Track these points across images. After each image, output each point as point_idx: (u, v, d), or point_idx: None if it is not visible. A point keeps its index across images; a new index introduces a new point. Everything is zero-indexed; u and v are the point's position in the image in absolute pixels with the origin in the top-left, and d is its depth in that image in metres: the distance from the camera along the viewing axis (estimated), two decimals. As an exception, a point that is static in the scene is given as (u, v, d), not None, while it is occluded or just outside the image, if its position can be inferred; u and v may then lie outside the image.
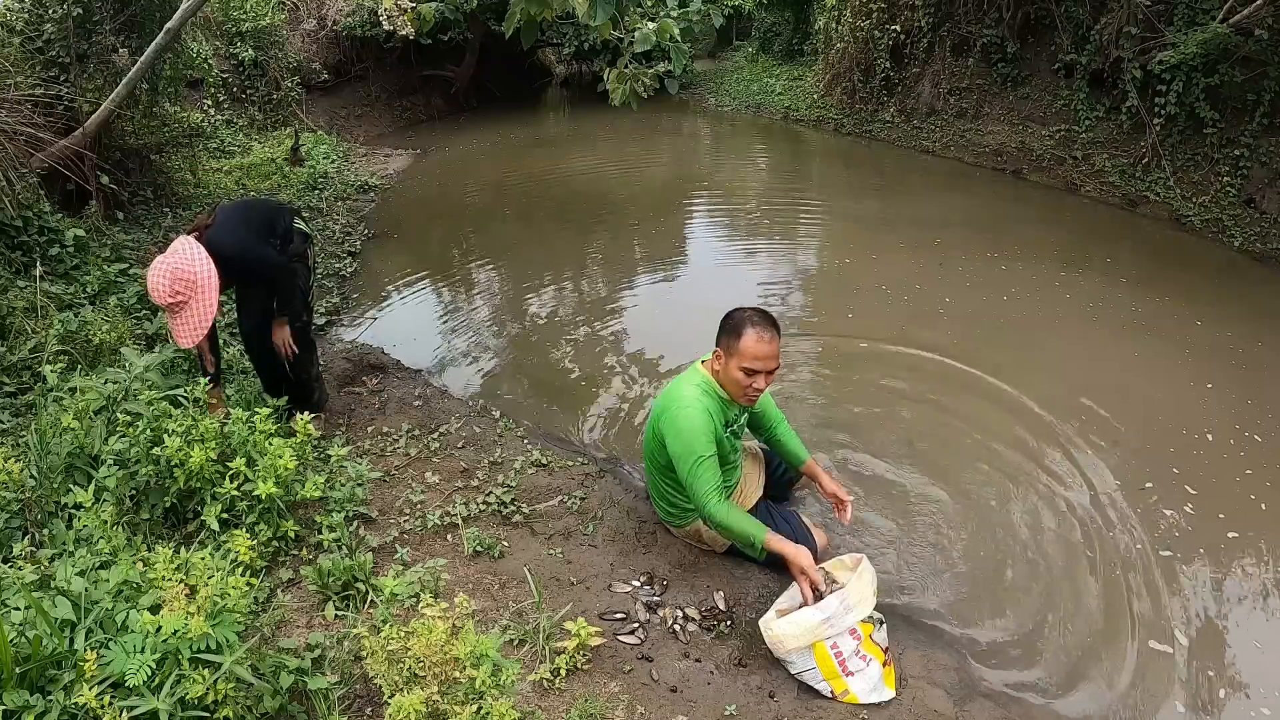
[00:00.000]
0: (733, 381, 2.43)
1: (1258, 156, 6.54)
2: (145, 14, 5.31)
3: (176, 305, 2.76)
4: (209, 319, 2.80)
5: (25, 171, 4.23)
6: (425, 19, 3.77)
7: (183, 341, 2.83)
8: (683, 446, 2.42)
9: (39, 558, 2.13)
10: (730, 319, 2.47)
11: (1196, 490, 3.29)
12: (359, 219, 6.84)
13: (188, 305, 2.77)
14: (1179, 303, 5.08)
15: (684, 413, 2.43)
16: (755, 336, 2.37)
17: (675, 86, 4.05)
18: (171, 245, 2.84)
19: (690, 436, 2.40)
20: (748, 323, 2.39)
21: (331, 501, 2.67)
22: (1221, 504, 3.22)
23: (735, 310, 2.50)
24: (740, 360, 2.38)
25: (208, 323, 2.80)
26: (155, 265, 2.77)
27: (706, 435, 2.41)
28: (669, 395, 2.54)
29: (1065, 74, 8.09)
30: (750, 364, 2.38)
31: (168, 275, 2.73)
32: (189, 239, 2.84)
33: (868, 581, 2.30)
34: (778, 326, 2.46)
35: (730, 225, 6.96)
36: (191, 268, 2.76)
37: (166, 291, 2.73)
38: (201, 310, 2.78)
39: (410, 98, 11.64)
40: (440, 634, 1.65)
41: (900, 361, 4.28)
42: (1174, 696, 2.42)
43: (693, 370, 2.57)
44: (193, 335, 2.80)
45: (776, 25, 13.55)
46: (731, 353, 2.41)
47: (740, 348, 2.38)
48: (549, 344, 4.60)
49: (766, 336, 2.38)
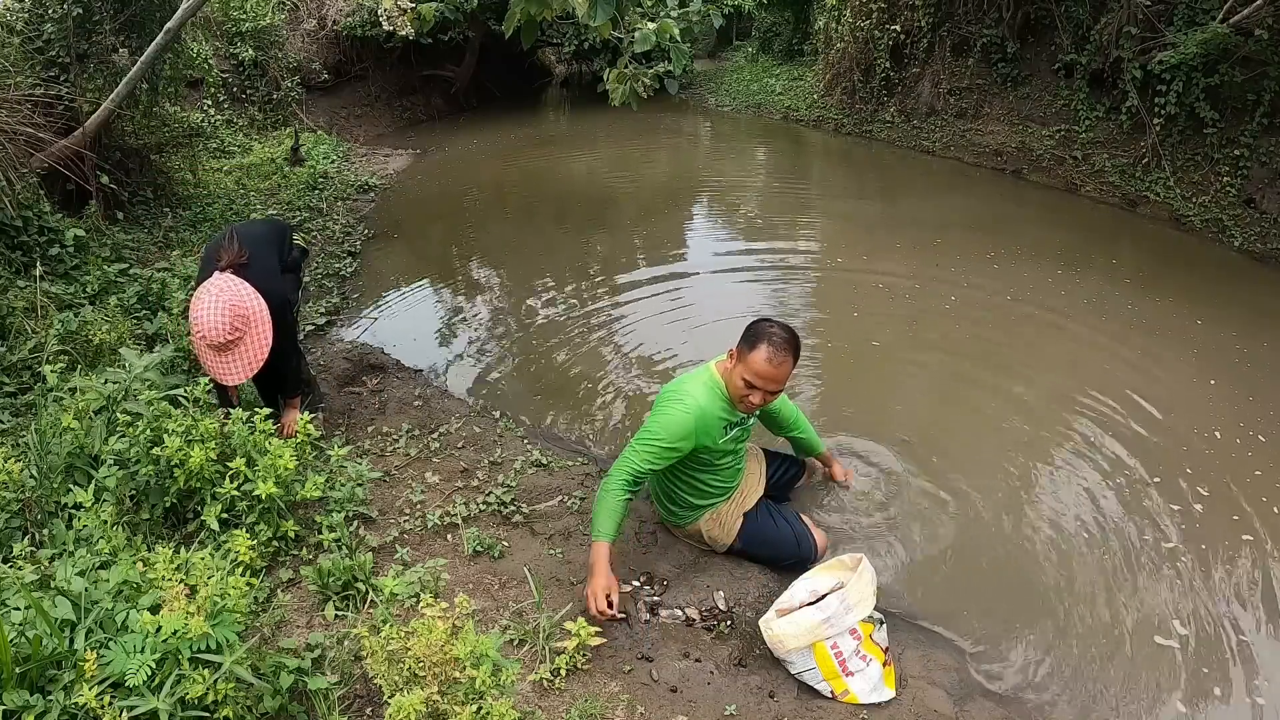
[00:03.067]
0: (733, 385, 2.43)
1: (1258, 156, 6.54)
2: (145, 14, 5.31)
3: (234, 341, 2.66)
4: (264, 355, 2.71)
5: (25, 171, 4.22)
6: (425, 19, 3.77)
7: (232, 379, 2.72)
8: (653, 427, 2.41)
9: (39, 558, 2.13)
10: (755, 328, 2.43)
11: (1209, 491, 3.27)
12: (359, 219, 6.83)
13: (240, 342, 2.68)
14: (1179, 302, 5.08)
15: (675, 407, 2.42)
16: (767, 356, 2.34)
17: (675, 86, 4.05)
18: (212, 282, 2.70)
19: (664, 427, 2.39)
20: (767, 340, 2.36)
21: (331, 501, 2.67)
22: (1235, 505, 3.20)
23: (764, 321, 2.46)
24: (745, 370, 2.38)
25: (262, 358, 2.71)
26: (205, 305, 2.63)
27: (677, 435, 2.40)
28: (673, 387, 2.54)
29: (1065, 74, 8.09)
30: (752, 379, 2.37)
31: (227, 312, 2.61)
32: (232, 275, 2.73)
33: (867, 581, 2.30)
34: (797, 352, 2.42)
35: (730, 225, 6.96)
36: (246, 304, 2.67)
37: (226, 329, 2.61)
38: (257, 345, 2.70)
39: (410, 98, 11.62)
40: (440, 634, 1.65)
41: (903, 361, 4.28)
42: (1176, 696, 2.42)
43: (705, 369, 2.55)
44: (246, 370, 2.71)
45: (776, 25, 13.55)
46: (742, 359, 2.40)
47: (750, 359, 2.36)
48: (549, 344, 4.60)
49: (778, 360, 2.35)
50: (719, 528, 2.73)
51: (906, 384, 4.05)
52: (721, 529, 2.73)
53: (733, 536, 2.72)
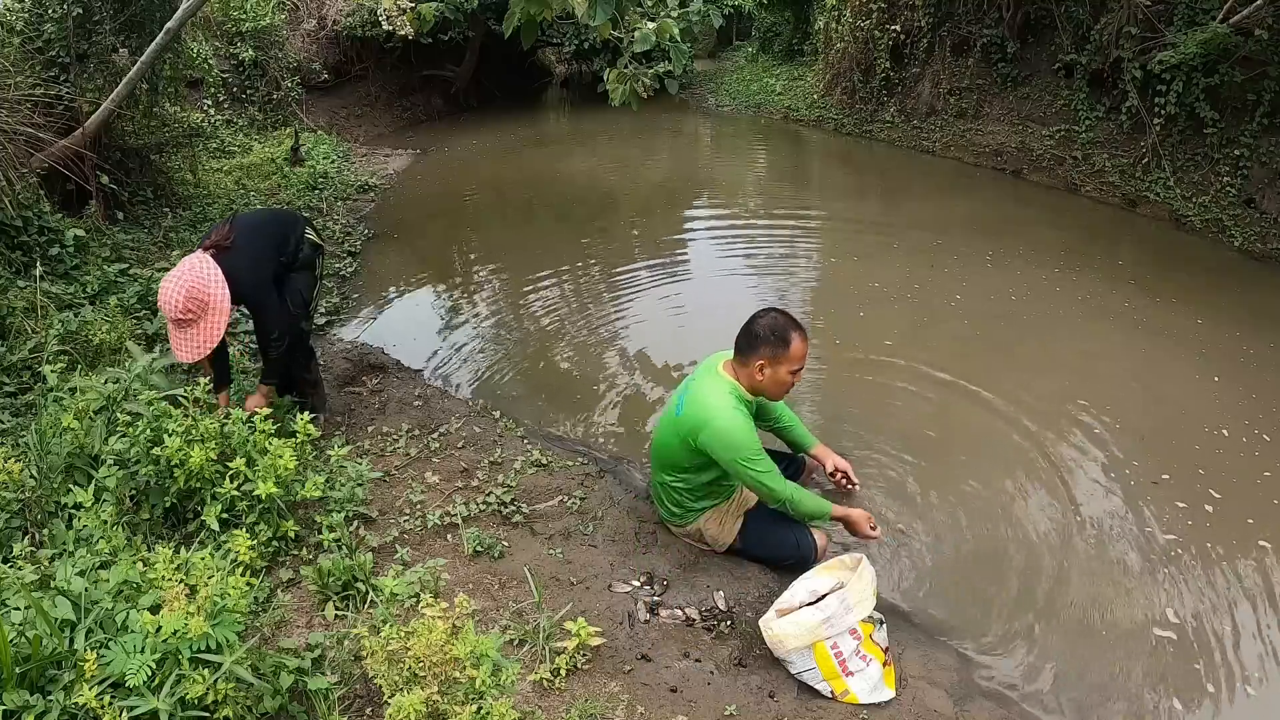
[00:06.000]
0: (778, 383, 2.54)
1: (1258, 156, 6.54)
2: (145, 14, 5.30)
3: (184, 321, 2.74)
4: (213, 342, 2.77)
5: (25, 171, 4.22)
6: (425, 19, 3.77)
7: (181, 357, 2.81)
8: (740, 454, 2.49)
9: (39, 558, 2.13)
10: (766, 328, 2.50)
11: (1221, 493, 3.26)
12: (359, 219, 6.84)
13: (195, 324, 2.74)
14: (1180, 303, 5.08)
15: (730, 425, 2.47)
16: (800, 340, 2.50)
17: (675, 86, 4.04)
18: (188, 260, 2.80)
19: (745, 447, 2.49)
20: (791, 329, 2.49)
21: (331, 501, 2.67)
22: (1249, 507, 3.20)
23: (763, 318, 2.54)
24: (790, 364, 2.51)
25: (211, 345, 2.77)
26: (170, 278, 2.74)
27: (755, 437, 2.52)
28: (704, 407, 2.51)
29: (1065, 74, 8.08)
30: (796, 365, 2.52)
31: (183, 292, 2.69)
32: (208, 258, 2.80)
33: (868, 581, 2.30)
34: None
35: (730, 225, 6.95)
36: (207, 289, 2.74)
37: (179, 307, 2.70)
38: (208, 332, 2.76)
39: (410, 98, 11.62)
40: (440, 634, 1.65)
41: (906, 361, 4.28)
42: (1176, 696, 2.42)
43: (717, 377, 2.57)
44: (193, 354, 2.78)
45: (776, 25, 13.53)
46: (780, 360, 2.50)
47: (791, 353, 2.49)
48: (549, 344, 4.60)
49: (804, 337, 2.53)
50: (719, 528, 2.73)
51: (908, 384, 4.04)
52: (721, 529, 2.73)
53: (733, 536, 2.72)
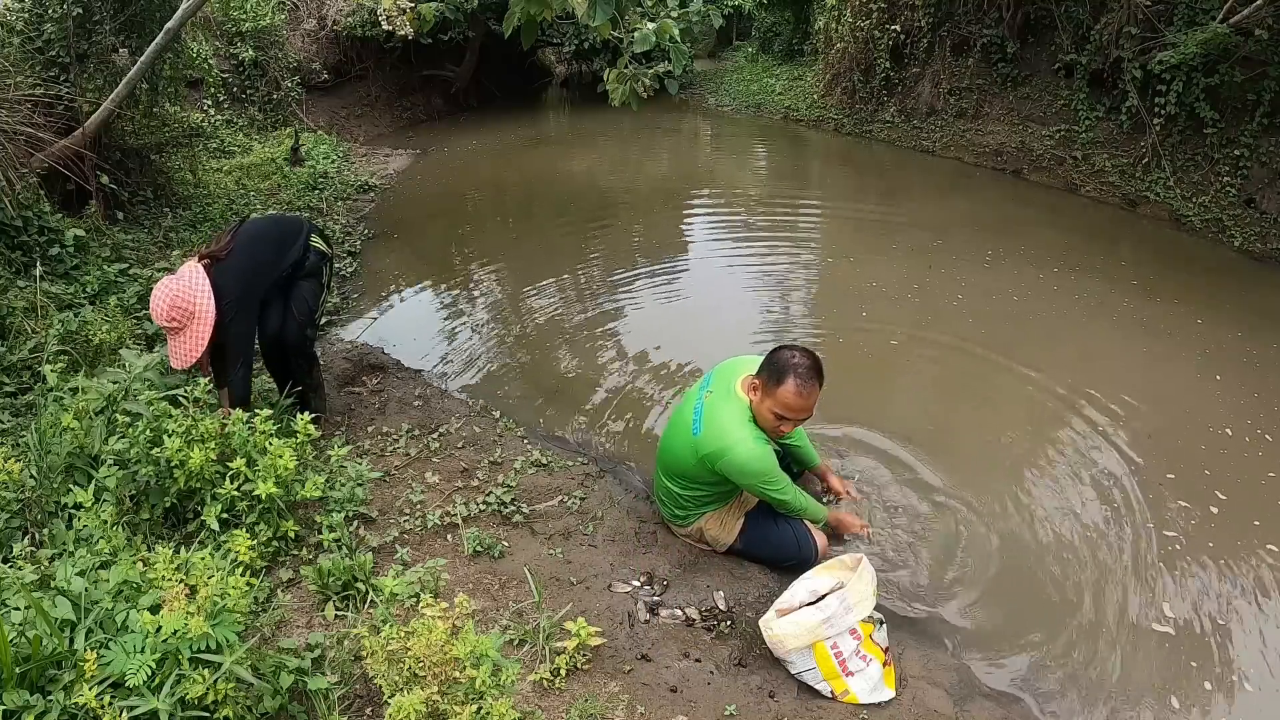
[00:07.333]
0: (763, 418, 2.46)
1: (1258, 156, 6.54)
2: (145, 14, 5.30)
3: (171, 329, 2.81)
4: (199, 351, 2.82)
5: (25, 171, 4.22)
6: (425, 19, 3.77)
7: (174, 363, 2.87)
8: (760, 479, 2.49)
9: (39, 558, 2.13)
10: (778, 360, 2.43)
11: (1227, 494, 3.26)
12: (359, 219, 6.83)
13: (182, 332, 2.81)
14: (1180, 303, 5.08)
15: (749, 455, 2.44)
16: (795, 390, 2.37)
17: (675, 87, 4.04)
18: (181, 269, 2.87)
19: (765, 474, 2.49)
20: (792, 373, 2.37)
21: (331, 501, 2.67)
22: (1255, 509, 3.19)
23: (785, 350, 2.46)
24: (775, 405, 2.41)
25: (196, 354, 2.82)
26: (160, 286, 2.81)
27: (773, 461, 2.51)
28: (723, 435, 2.47)
29: (1065, 74, 8.08)
30: (783, 411, 2.40)
31: (167, 300, 2.77)
32: (199, 269, 2.86)
33: (868, 581, 2.30)
34: (822, 377, 2.44)
35: (730, 225, 6.95)
36: (191, 299, 2.79)
37: (164, 315, 2.78)
38: (193, 341, 2.81)
39: (410, 98, 11.61)
40: (440, 634, 1.64)
41: (909, 360, 4.28)
42: (1177, 696, 2.42)
43: (734, 400, 2.53)
44: (181, 361, 2.84)
45: (776, 25, 13.53)
46: (769, 394, 2.41)
47: (778, 394, 2.39)
48: (549, 344, 4.60)
49: (806, 390, 2.38)
50: (720, 528, 2.73)
51: (911, 384, 4.05)
52: (722, 529, 2.73)
53: (733, 537, 2.72)
